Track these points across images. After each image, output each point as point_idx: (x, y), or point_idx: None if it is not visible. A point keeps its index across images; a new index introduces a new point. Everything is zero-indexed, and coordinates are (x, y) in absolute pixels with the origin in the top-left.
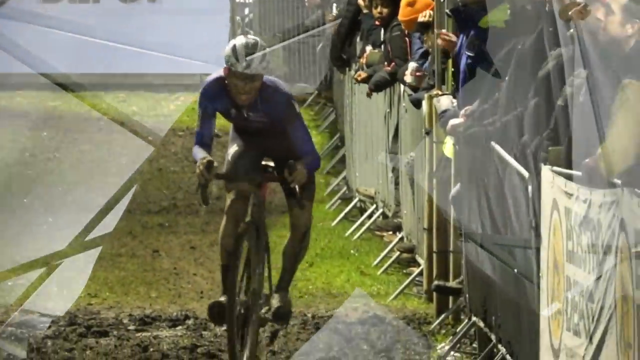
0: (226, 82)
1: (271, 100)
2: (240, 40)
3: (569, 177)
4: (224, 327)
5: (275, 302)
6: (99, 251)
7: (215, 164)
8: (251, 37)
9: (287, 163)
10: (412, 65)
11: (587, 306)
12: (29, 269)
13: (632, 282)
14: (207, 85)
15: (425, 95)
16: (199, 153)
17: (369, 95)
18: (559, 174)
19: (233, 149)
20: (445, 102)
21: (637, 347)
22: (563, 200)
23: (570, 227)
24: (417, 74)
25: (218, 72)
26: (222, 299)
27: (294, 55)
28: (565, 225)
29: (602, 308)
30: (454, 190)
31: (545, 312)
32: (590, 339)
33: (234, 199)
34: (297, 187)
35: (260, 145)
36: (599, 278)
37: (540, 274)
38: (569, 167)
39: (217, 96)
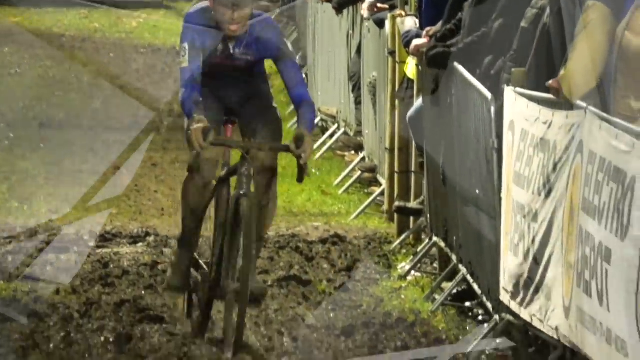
0: (212, 13)
1: (262, 35)
2: None
3: (532, 99)
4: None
5: None
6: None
7: (212, 130)
8: None
9: (295, 134)
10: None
11: (529, 226)
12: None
13: (579, 204)
14: (191, 16)
15: (389, 16)
16: (191, 106)
17: (337, 12)
18: (522, 95)
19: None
20: (408, 22)
21: (576, 268)
22: (520, 123)
23: (524, 149)
24: (375, 9)
25: (201, 3)
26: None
27: None
28: (518, 146)
29: (549, 229)
30: (411, 111)
31: (502, 236)
32: (536, 259)
33: (206, 158)
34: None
35: (226, 95)
36: (547, 198)
37: (502, 195)
38: (532, 88)
39: (204, 28)
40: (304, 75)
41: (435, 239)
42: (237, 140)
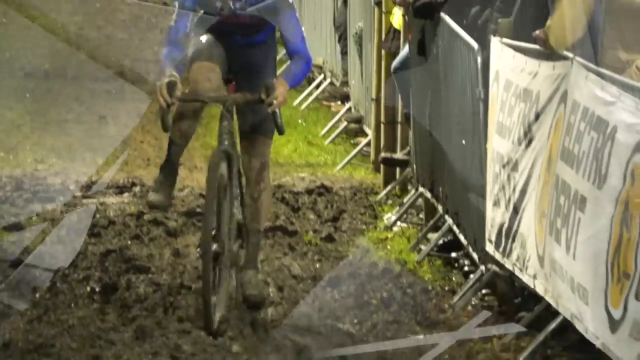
0: None
1: None
2: None
3: (518, 49)
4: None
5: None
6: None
7: (179, 84)
8: None
9: (264, 82)
10: None
11: (509, 176)
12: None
13: (558, 152)
14: None
15: None
16: (167, 63)
17: None
18: (508, 45)
19: (197, 57)
20: None
21: (549, 216)
22: (505, 73)
23: (506, 99)
24: None
25: None
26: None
27: None
28: (501, 97)
29: (528, 178)
30: (395, 61)
31: (487, 186)
32: (515, 209)
33: (182, 113)
34: (277, 110)
35: (228, 57)
36: (528, 147)
37: (487, 145)
38: (518, 39)
39: None
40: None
41: (421, 189)
42: (208, 95)
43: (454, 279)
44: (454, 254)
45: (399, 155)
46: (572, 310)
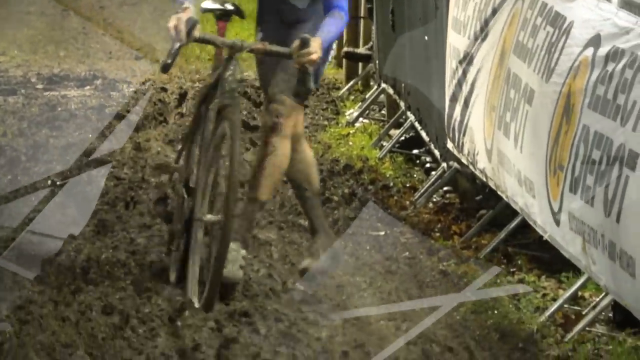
0: None
1: None
2: None
3: None
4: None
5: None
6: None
7: (199, 25)
8: None
9: (301, 37)
10: None
11: (464, 71)
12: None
13: (511, 47)
14: None
15: None
16: None
17: None
18: None
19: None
20: None
21: (499, 110)
22: None
23: None
24: None
25: None
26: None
27: None
28: None
29: (478, 72)
30: None
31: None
32: (466, 103)
33: None
34: (309, 69)
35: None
36: (483, 42)
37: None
38: None
39: None
40: None
41: (383, 85)
42: (225, 39)
43: (415, 175)
44: (415, 151)
45: (361, 50)
46: (521, 203)
